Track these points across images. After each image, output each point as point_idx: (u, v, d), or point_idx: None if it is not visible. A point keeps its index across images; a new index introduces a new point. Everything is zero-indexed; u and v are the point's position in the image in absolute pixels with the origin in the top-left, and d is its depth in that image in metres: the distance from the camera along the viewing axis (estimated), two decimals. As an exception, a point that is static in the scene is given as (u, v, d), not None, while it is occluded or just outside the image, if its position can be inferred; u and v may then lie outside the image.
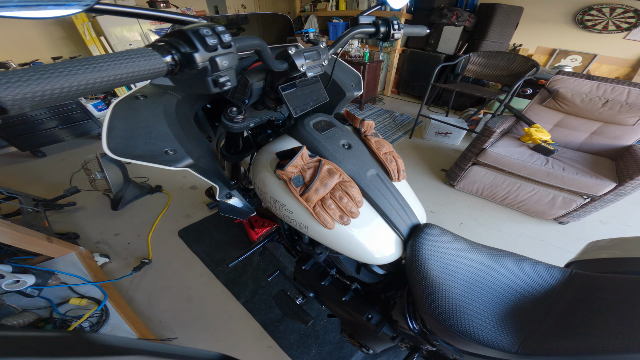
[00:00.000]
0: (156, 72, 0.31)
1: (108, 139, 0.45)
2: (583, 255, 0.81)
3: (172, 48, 0.33)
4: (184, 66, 0.34)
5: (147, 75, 0.31)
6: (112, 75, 0.28)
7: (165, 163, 0.47)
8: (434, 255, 0.62)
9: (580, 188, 1.63)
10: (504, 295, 0.63)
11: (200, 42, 0.33)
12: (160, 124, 0.51)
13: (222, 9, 4.70)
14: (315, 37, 0.67)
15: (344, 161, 0.64)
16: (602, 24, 2.78)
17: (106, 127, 0.46)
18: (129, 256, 1.59)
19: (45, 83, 0.23)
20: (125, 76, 0.29)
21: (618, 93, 1.72)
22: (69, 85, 0.25)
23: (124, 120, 0.49)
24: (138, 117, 0.51)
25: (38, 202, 1.69)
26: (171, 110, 0.56)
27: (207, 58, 0.34)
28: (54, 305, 1.07)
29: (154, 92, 0.58)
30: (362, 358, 1.21)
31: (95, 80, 0.26)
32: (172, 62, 0.33)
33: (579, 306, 0.55)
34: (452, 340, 0.63)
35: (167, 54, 0.32)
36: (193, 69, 0.34)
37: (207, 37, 0.33)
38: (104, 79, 0.27)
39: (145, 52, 0.30)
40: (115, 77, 0.28)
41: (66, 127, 2.53)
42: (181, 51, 0.33)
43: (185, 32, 0.33)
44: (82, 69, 0.25)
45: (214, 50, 0.34)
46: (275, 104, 0.68)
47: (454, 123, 2.74)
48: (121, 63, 0.28)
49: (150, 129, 0.50)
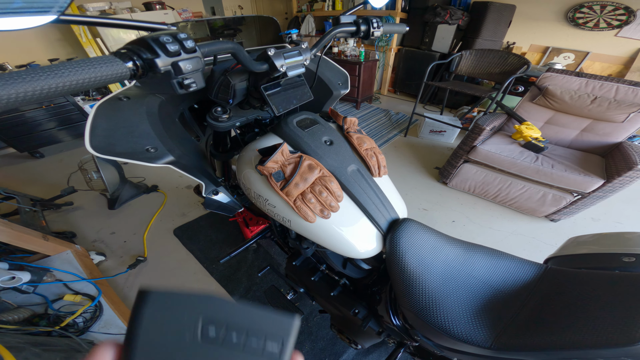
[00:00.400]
0: (119, 76, 0.34)
1: (91, 137, 0.48)
2: (562, 251, 0.81)
3: (133, 54, 0.36)
4: (147, 70, 0.37)
5: (110, 79, 0.34)
6: (74, 80, 0.30)
7: (146, 160, 0.49)
8: (410, 249, 0.63)
9: (569, 185, 1.65)
10: (479, 290, 0.63)
11: (161, 49, 0.36)
12: (142, 124, 0.54)
13: (218, 10, 4.70)
14: (298, 38, 0.69)
15: (325, 157, 0.66)
16: (594, 21, 2.80)
17: (89, 126, 0.49)
18: (124, 254, 1.61)
19: (10, 88, 0.26)
20: (87, 81, 0.31)
21: (606, 90, 1.74)
22: (32, 90, 0.27)
23: (107, 120, 0.51)
24: (120, 117, 0.53)
25: (36, 201, 1.72)
26: (154, 110, 0.58)
27: (169, 63, 0.38)
28: (48, 302, 1.09)
29: (137, 93, 0.60)
30: (354, 354, 1.23)
31: (57, 85, 0.29)
32: (133, 68, 0.36)
33: (551, 301, 0.56)
34: (430, 335, 0.64)
35: (128, 60, 0.35)
36: (156, 72, 0.37)
37: (168, 44, 0.36)
38: (66, 84, 0.30)
39: (107, 59, 0.33)
40: (77, 82, 0.31)
41: (64, 128, 2.55)
42: (142, 57, 0.36)
43: (145, 40, 0.36)
44: (44, 75, 0.28)
45: (176, 55, 0.38)
46: (261, 103, 0.70)
47: (448, 121, 2.77)
48: (82, 69, 0.31)
49: (132, 128, 0.52)
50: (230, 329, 0.17)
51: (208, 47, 0.43)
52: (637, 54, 2.68)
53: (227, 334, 0.17)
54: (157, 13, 3.53)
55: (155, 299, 0.17)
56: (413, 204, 2.08)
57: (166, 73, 0.38)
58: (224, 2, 4.74)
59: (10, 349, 0.80)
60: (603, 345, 0.41)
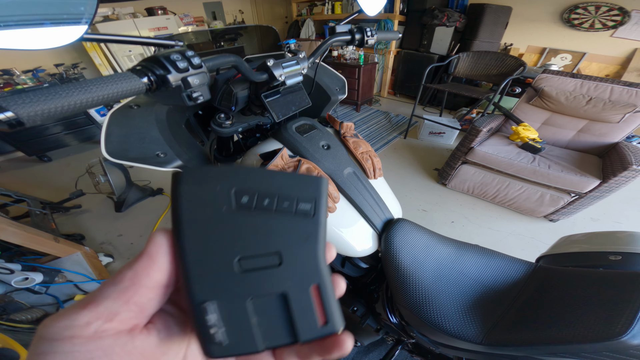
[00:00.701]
0: (136, 90, 0.38)
1: (106, 143, 0.52)
2: (554, 249, 0.83)
3: (148, 71, 0.40)
4: (160, 85, 0.41)
5: (129, 93, 0.38)
6: (101, 95, 0.35)
7: (157, 164, 0.53)
8: (404, 248, 0.66)
9: (566, 185, 1.67)
10: (470, 287, 0.65)
11: (172, 66, 0.40)
12: (152, 130, 0.58)
13: (219, 15, 4.77)
14: (295, 47, 0.72)
15: (322, 160, 0.69)
16: (589, 22, 2.82)
17: (104, 133, 0.53)
18: (131, 256, 1.66)
19: (50, 102, 0.30)
20: (111, 95, 0.36)
21: (601, 91, 1.76)
22: (68, 104, 0.32)
23: (120, 127, 0.56)
24: (132, 124, 0.57)
25: (45, 204, 1.77)
26: (162, 117, 0.63)
27: (179, 78, 0.42)
28: (60, 302, 1.14)
29: (146, 101, 0.64)
30: (354, 352, 1.26)
31: (87, 99, 0.33)
32: (148, 83, 0.40)
33: (539, 298, 0.58)
34: (425, 332, 0.66)
35: (143, 75, 0.39)
36: (168, 87, 0.41)
37: (178, 62, 0.41)
38: (94, 98, 0.34)
39: (126, 76, 0.38)
40: (103, 96, 0.35)
41: (71, 132, 2.62)
42: (156, 73, 0.40)
43: (158, 58, 0.40)
44: (76, 91, 0.32)
45: (185, 71, 0.42)
46: (261, 110, 0.74)
47: (447, 123, 2.80)
48: (107, 85, 0.35)
49: (143, 134, 0.56)
50: (262, 194, 0.19)
51: (212, 62, 0.47)
52: (634, 54, 2.69)
53: (259, 200, 0.19)
54: (160, 18, 3.59)
55: (187, 178, 0.18)
56: (412, 205, 2.10)
57: (177, 87, 0.42)
58: (225, 7, 4.79)
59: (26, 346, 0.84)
60: (586, 340, 0.43)
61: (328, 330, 0.18)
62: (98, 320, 0.15)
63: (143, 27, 3.48)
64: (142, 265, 0.17)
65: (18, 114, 0.29)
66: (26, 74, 2.61)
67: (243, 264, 0.18)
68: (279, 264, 0.18)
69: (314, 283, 0.18)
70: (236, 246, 0.18)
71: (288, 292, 0.18)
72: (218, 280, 0.17)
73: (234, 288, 0.17)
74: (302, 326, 0.18)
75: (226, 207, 0.18)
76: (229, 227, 0.18)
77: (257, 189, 0.19)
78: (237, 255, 0.18)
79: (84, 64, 3.43)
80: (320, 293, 0.18)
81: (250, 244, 0.18)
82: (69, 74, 3.09)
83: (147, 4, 3.70)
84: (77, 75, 3.13)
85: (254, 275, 0.18)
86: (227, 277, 0.17)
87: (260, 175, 0.19)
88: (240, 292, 0.17)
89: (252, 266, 0.18)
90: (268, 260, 0.18)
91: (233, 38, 1.06)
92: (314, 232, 0.19)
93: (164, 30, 3.63)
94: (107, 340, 0.15)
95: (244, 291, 0.17)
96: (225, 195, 0.18)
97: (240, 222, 0.18)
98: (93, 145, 2.98)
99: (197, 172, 0.18)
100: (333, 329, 0.18)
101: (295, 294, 0.18)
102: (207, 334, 0.16)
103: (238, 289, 0.17)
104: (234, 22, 4.94)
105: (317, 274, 0.19)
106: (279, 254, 0.18)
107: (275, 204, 0.19)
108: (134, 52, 3.54)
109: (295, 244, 0.19)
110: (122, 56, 3.47)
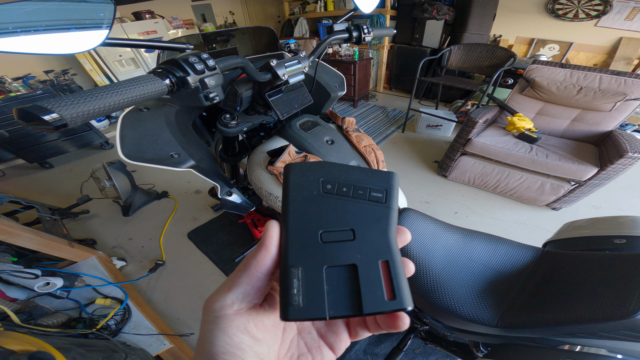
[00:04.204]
0: (160, 92, 0.41)
1: (122, 146, 0.54)
2: (559, 235, 0.85)
3: (168, 73, 0.43)
4: (180, 86, 0.44)
5: (154, 94, 0.41)
6: (131, 96, 0.37)
7: (172, 165, 0.56)
8: (412, 236, 0.69)
9: (565, 174, 1.70)
10: (480, 272, 0.67)
11: (191, 68, 0.43)
12: (164, 132, 0.60)
13: (209, 17, 4.70)
14: (295, 47, 0.74)
15: (327, 155, 0.71)
16: (573, 12, 2.88)
17: (119, 136, 0.55)
18: (143, 259, 1.67)
19: (89, 104, 0.33)
20: (139, 97, 0.39)
21: (590, 80, 1.81)
22: (104, 105, 0.35)
23: (133, 129, 0.58)
24: (144, 127, 0.59)
25: (54, 210, 1.76)
26: (171, 119, 0.64)
27: (197, 79, 0.45)
28: (81, 306, 1.15)
29: (154, 104, 0.66)
30: (367, 341, 1.29)
31: (120, 100, 0.36)
32: (170, 84, 0.42)
33: (549, 281, 0.60)
34: (439, 317, 0.67)
35: (165, 77, 0.42)
36: (187, 88, 0.44)
37: (196, 64, 0.43)
38: (125, 100, 0.37)
39: (149, 78, 0.40)
40: (133, 98, 0.38)
41: (69, 138, 2.59)
42: (176, 75, 0.43)
43: (177, 61, 0.43)
44: (109, 93, 0.35)
45: (202, 73, 0.45)
46: (265, 109, 0.76)
47: (443, 115, 2.85)
48: (135, 87, 0.38)
49: (156, 136, 0.59)
50: (341, 183, 0.23)
51: (223, 63, 0.50)
52: (619, 43, 2.77)
53: (339, 188, 0.23)
54: (148, 22, 3.53)
55: (294, 169, 0.23)
56: (415, 197, 2.15)
57: (195, 88, 0.45)
58: (215, 8, 4.72)
59: (59, 349, 0.86)
60: (601, 320, 0.44)
61: (395, 305, 0.18)
62: (237, 301, 0.20)
63: (132, 31, 3.41)
64: (262, 255, 0.21)
65: (62, 115, 0.31)
66: (17, 81, 2.56)
67: (324, 237, 0.21)
68: (353, 238, 0.22)
69: (384, 259, 0.20)
70: (321, 222, 0.22)
71: (358, 264, 0.20)
72: (306, 248, 0.21)
73: (316, 256, 0.21)
74: (368, 299, 0.19)
75: (316, 192, 0.23)
76: (317, 207, 0.22)
77: (339, 180, 0.23)
78: (321, 230, 0.22)
79: (74, 70, 3.37)
80: (390, 269, 0.20)
81: (331, 221, 0.22)
82: (60, 81, 3.03)
83: (134, 8, 3.63)
84: (68, 82, 3.07)
85: (332, 247, 0.21)
86: (312, 246, 0.21)
87: (342, 169, 0.24)
88: (320, 260, 0.20)
89: (331, 239, 0.21)
90: (344, 234, 0.22)
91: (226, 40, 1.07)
92: (385, 215, 0.22)
93: (153, 34, 3.57)
94: (244, 316, 0.20)
95: (322, 259, 0.20)
96: (316, 182, 0.23)
97: (325, 204, 0.23)
98: (92, 151, 2.95)
99: (298, 165, 0.24)
100: (401, 305, 0.18)
101: (364, 267, 0.20)
102: (290, 296, 0.19)
103: (318, 257, 0.20)
104: (224, 23, 4.87)
105: (387, 252, 0.21)
106: (353, 231, 0.22)
107: (352, 191, 0.23)
108: (124, 56, 3.48)
109: (368, 224, 0.22)
110: (113, 61, 3.42)
